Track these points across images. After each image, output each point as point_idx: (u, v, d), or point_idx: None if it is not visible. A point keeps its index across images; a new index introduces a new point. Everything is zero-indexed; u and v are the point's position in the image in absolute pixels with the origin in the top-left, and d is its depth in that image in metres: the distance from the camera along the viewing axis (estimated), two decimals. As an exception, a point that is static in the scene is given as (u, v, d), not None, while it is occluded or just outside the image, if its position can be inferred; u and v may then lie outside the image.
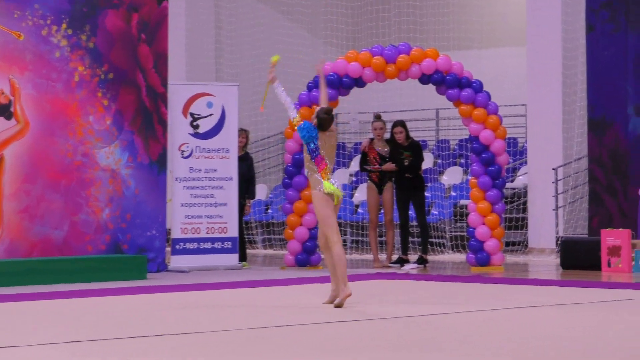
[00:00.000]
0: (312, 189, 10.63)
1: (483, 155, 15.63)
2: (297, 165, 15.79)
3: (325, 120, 10.48)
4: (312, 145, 10.44)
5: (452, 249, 19.02)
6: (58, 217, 14.51)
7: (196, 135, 15.86)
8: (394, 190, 16.19)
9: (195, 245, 15.79)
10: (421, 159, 16.16)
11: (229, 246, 15.88)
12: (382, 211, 16.37)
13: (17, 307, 11.08)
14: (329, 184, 10.34)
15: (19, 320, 10.00)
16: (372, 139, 16.26)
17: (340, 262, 10.33)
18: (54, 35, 14.57)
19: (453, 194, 20.23)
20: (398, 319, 9.71)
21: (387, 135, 16.38)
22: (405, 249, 16.26)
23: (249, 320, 9.66)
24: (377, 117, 16.45)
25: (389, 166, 15.98)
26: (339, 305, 10.29)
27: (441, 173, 21.25)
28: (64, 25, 14.63)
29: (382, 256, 16.63)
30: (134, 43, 15.08)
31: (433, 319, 9.69)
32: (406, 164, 15.92)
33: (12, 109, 14.31)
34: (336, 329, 9.00)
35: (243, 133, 16.60)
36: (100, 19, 14.86)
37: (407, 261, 16.10)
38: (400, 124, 16.19)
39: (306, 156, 10.57)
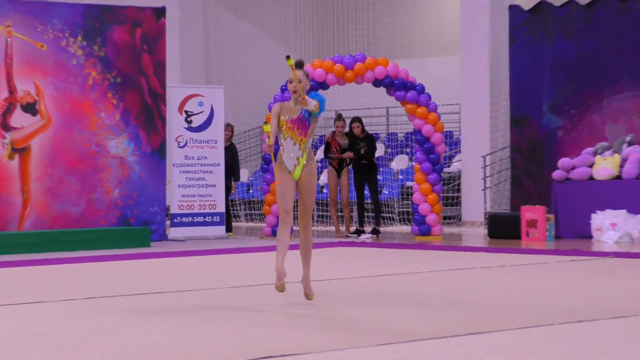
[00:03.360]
0: (312, 161, 7.73)
1: (425, 146, 15.72)
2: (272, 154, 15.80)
3: None
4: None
5: (400, 222, 19.12)
6: (76, 196, 14.53)
7: (190, 129, 15.89)
8: (351, 174, 16.27)
9: (189, 219, 15.83)
10: (374, 149, 16.23)
11: (218, 220, 15.94)
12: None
13: (42, 270, 11.12)
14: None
15: (45, 281, 10.03)
16: (334, 132, 16.32)
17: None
18: (71, 46, 14.57)
19: (400, 177, 20.34)
20: (359, 278, 9.80)
21: (347, 129, 16.44)
22: (361, 222, 16.36)
23: (235, 280, 9.72)
24: (339, 117, 16.46)
25: (348, 154, 16.06)
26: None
27: (391, 160, 21.35)
28: (79, 38, 14.63)
29: (343, 228, 16.71)
30: (138, 52, 15.10)
31: (384, 279, 9.79)
32: (362, 152, 16.00)
33: (37, 107, 14.32)
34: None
35: (229, 127, 16.62)
36: (109, 33, 14.86)
37: (363, 232, 16.20)
38: (357, 119, 16.26)
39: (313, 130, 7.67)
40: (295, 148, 7.54)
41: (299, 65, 7.54)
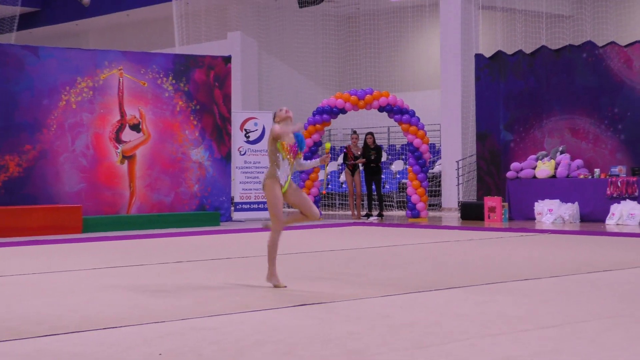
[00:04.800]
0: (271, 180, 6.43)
1: (415, 154, 15.73)
2: (306, 159, 15.86)
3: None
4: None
5: (398, 208, 19.14)
6: (167, 189, 14.62)
7: (248, 142, 15.93)
8: (362, 174, 16.28)
9: (248, 206, 15.87)
10: (381, 156, 16.20)
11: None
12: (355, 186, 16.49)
13: (144, 242, 11.20)
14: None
15: (146, 249, 10.13)
16: (349, 145, 16.34)
17: (268, 248, 6.51)
18: (164, 83, 14.66)
19: (398, 176, 20.34)
20: (369, 248, 9.84)
21: (360, 142, 16.42)
22: (370, 208, 16.34)
23: (281, 248, 9.76)
24: (354, 133, 16.49)
25: (360, 161, 16.08)
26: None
27: (391, 164, 21.35)
28: (170, 78, 14.72)
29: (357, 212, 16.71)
30: (211, 88, 15.18)
31: (388, 249, 9.82)
32: (372, 158, 16.01)
33: (140, 127, 14.42)
34: (333, 255, 9.13)
35: (275, 140, 16.63)
36: (191, 74, 14.94)
37: (371, 215, 16.18)
38: (371, 134, 16.19)
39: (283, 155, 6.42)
40: (288, 167, 6.44)
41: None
